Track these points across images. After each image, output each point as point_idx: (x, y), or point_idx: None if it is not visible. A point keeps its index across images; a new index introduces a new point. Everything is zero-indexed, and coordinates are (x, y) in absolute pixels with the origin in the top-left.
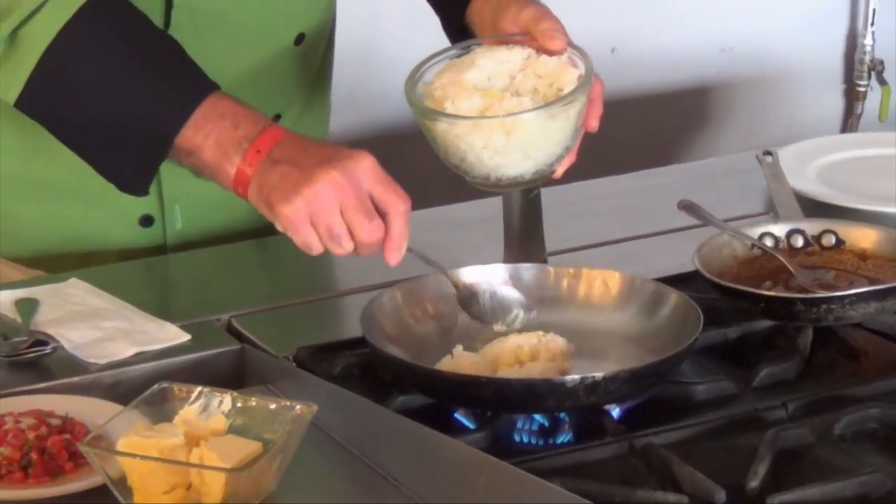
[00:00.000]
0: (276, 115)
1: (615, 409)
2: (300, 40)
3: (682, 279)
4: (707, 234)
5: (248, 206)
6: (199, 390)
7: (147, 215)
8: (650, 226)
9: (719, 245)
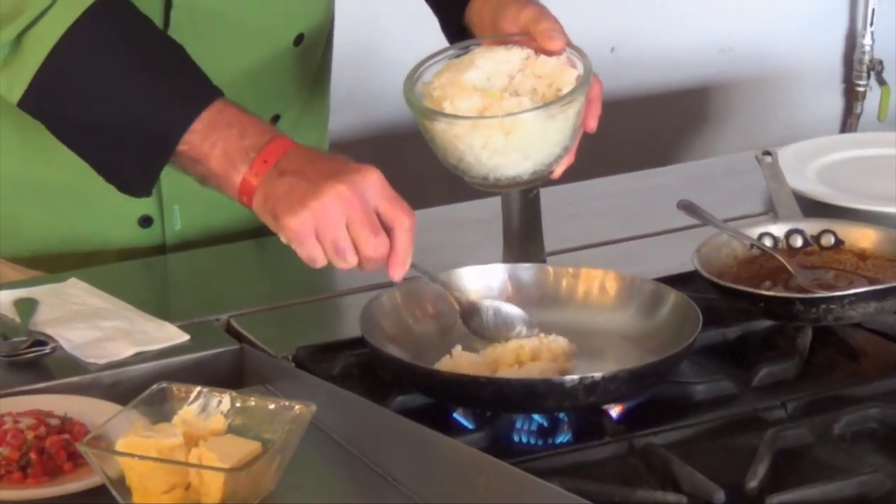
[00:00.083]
0: (275, 116)
1: (614, 409)
2: (299, 41)
3: (681, 279)
4: (706, 234)
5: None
6: (198, 390)
7: (146, 216)
8: (649, 226)
9: (719, 245)
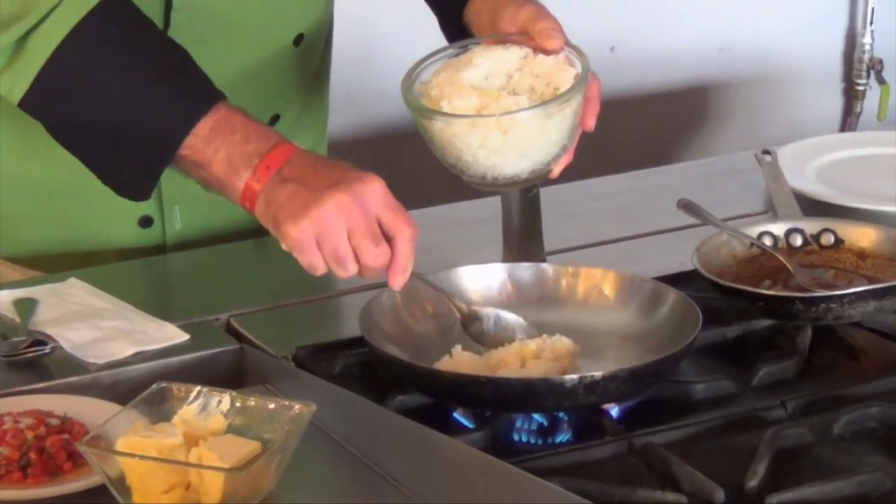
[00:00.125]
0: (274, 116)
1: (614, 409)
2: (299, 41)
3: (681, 278)
4: (706, 234)
5: None
6: (197, 390)
7: (146, 216)
8: (649, 225)
9: (718, 244)
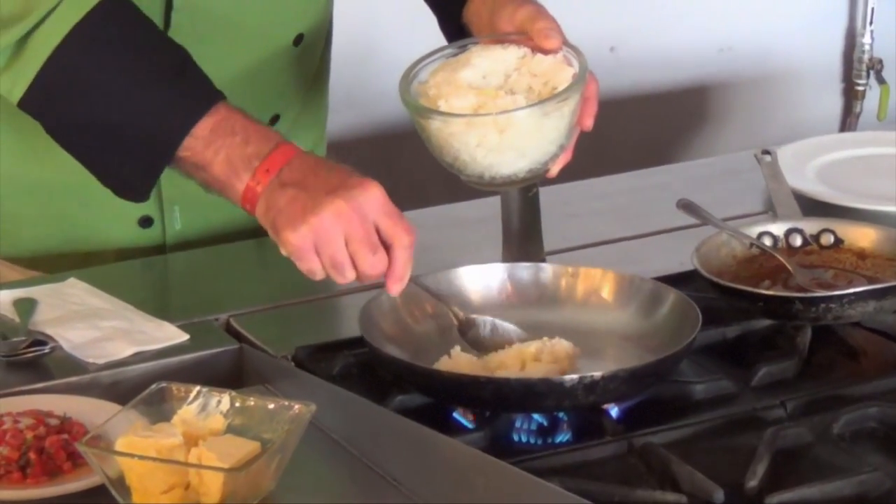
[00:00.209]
0: (274, 116)
1: (614, 409)
2: (299, 41)
3: (680, 278)
4: (706, 234)
5: None
6: (197, 390)
7: (146, 216)
8: (649, 225)
9: (718, 244)
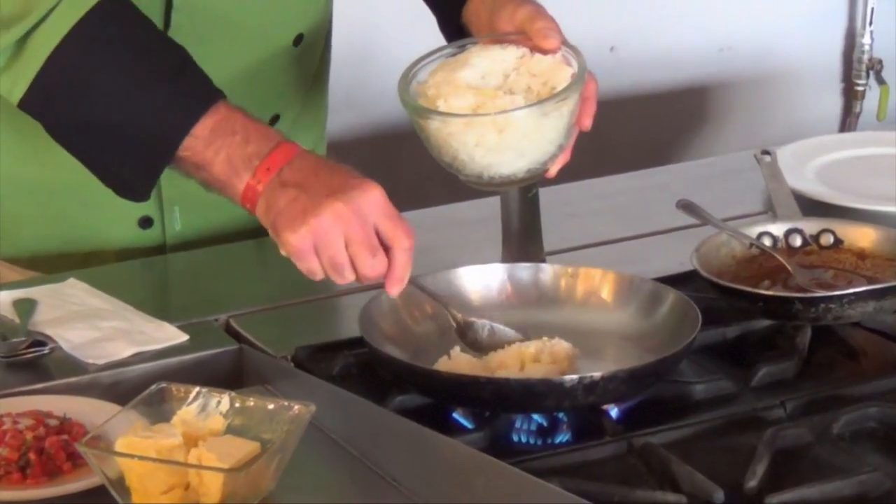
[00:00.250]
0: (274, 116)
1: (614, 409)
2: (299, 41)
3: (680, 279)
4: (705, 234)
5: None
6: (197, 390)
7: (146, 217)
8: (648, 225)
9: (718, 244)
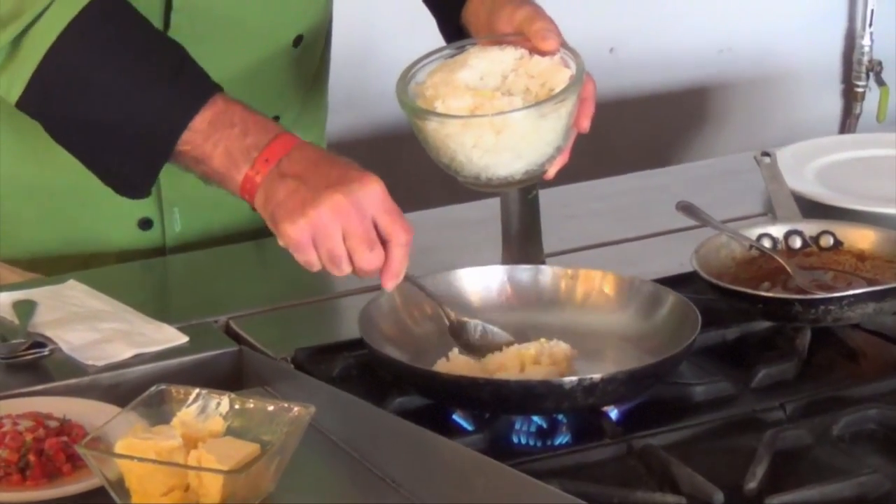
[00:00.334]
0: (274, 116)
1: (613, 411)
2: (298, 42)
3: (680, 280)
4: (705, 235)
5: (246, 208)
6: (196, 392)
7: (146, 218)
8: (648, 227)
9: (717, 246)
